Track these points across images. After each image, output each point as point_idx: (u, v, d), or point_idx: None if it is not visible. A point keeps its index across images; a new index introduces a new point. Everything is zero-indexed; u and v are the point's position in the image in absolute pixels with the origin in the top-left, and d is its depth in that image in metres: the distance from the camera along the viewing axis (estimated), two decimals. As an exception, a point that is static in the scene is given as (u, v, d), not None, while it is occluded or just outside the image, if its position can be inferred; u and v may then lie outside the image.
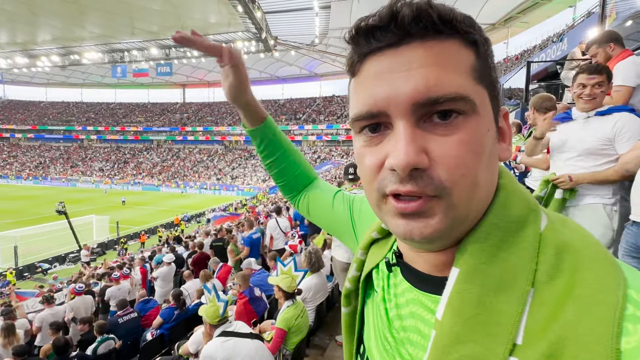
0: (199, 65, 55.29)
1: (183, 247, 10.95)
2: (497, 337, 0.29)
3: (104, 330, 4.10)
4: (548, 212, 0.36)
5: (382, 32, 0.32)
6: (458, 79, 0.31)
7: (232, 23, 38.13)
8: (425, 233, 0.32)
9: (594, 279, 0.29)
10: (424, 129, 0.32)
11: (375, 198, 0.35)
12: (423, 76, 0.31)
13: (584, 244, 0.32)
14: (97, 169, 49.89)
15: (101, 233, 21.41)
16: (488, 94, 0.34)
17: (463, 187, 0.31)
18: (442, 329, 0.32)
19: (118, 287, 5.95)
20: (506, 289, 0.30)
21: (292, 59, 50.70)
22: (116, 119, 60.93)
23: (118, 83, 64.60)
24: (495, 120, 0.35)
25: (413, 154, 0.30)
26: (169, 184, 43.34)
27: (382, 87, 0.32)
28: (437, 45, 0.32)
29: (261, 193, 33.25)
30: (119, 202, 31.40)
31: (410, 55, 0.31)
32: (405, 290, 0.40)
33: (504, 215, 0.34)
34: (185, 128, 55.41)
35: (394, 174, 0.32)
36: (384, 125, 0.33)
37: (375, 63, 0.33)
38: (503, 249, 0.32)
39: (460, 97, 0.31)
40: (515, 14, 30.63)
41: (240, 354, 1.96)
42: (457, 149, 0.31)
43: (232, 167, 46.85)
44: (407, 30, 0.31)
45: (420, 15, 0.31)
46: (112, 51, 48.12)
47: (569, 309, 0.28)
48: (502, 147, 0.37)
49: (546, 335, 0.28)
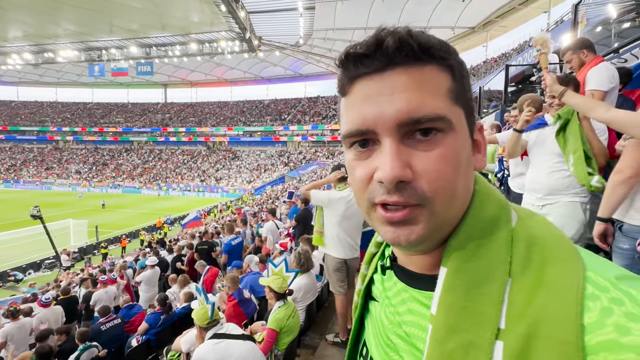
0: (181, 65, 54.14)
1: (166, 250, 10.72)
2: (484, 324, 0.33)
3: (85, 338, 3.96)
4: (516, 207, 0.41)
5: (369, 59, 0.36)
6: (436, 101, 0.35)
7: (215, 22, 37.56)
8: (410, 239, 0.36)
9: (558, 266, 0.33)
10: (408, 145, 0.36)
11: (365, 207, 0.39)
12: (406, 99, 0.35)
13: (549, 235, 0.37)
14: (74, 172, 48.03)
15: (79, 238, 20.63)
16: (464, 113, 0.38)
17: (443, 197, 0.35)
18: (437, 322, 0.36)
19: (105, 290, 5.77)
20: (488, 282, 0.35)
21: (276, 59, 50.45)
22: (94, 120, 58.82)
23: (95, 82, 62.37)
24: (471, 134, 0.40)
25: (398, 169, 0.34)
26: (150, 186, 42.23)
27: (370, 108, 0.36)
28: (417, 71, 0.36)
29: (246, 194, 32.93)
30: (98, 206, 30.36)
31: (394, 80, 0.35)
32: (400, 290, 0.45)
33: (480, 217, 0.38)
34: (168, 129, 54.12)
35: (382, 186, 0.36)
36: (372, 141, 0.37)
37: (364, 86, 0.37)
38: (482, 246, 0.36)
39: (438, 117, 0.35)
40: (493, 18, 31.64)
41: (232, 355, 1.95)
42: (437, 163, 0.35)
43: (216, 169, 46.14)
44: (391, 58, 0.35)
45: (402, 44, 0.35)
46: (89, 49, 46.43)
47: (541, 294, 0.32)
48: (478, 158, 0.41)
49: (524, 319, 0.32)
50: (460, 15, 31.82)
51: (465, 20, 33.08)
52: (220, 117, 55.43)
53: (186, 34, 41.49)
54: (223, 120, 54.17)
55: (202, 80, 61.56)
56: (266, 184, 36.80)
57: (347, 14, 32.99)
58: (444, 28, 34.59)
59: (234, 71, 56.77)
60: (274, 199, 19.13)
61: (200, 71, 57.06)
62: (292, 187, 24.68)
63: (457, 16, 32.18)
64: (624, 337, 0.28)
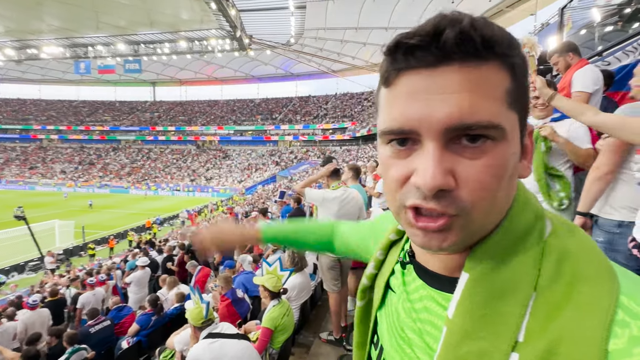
0: (170, 63, 53.32)
1: (156, 251, 10.57)
2: (501, 335, 0.32)
3: (74, 340, 3.89)
4: (552, 217, 0.39)
5: (422, 51, 0.32)
6: (492, 106, 0.32)
7: (205, 20, 37.11)
8: (443, 246, 0.34)
9: (590, 285, 0.31)
10: (453, 150, 0.33)
11: (396, 207, 0.37)
12: (458, 102, 0.31)
13: (584, 250, 0.34)
14: (59, 171, 46.83)
15: (65, 239, 20.14)
16: (519, 118, 0.35)
17: (482, 208, 0.33)
18: (453, 326, 0.35)
19: (92, 292, 5.65)
20: (510, 294, 0.33)
21: (267, 58, 50.16)
22: (80, 118, 57.44)
23: (81, 80, 60.80)
24: (522, 140, 0.37)
25: (440, 177, 0.31)
26: (139, 186, 41.51)
27: (415, 107, 0.33)
28: (474, 70, 0.32)
29: (237, 194, 32.69)
30: (84, 206, 29.69)
31: (448, 78, 0.32)
32: (419, 287, 0.44)
33: (514, 226, 0.36)
34: (156, 127, 53.30)
35: (418, 190, 0.33)
36: (412, 140, 0.34)
37: (411, 80, 0.33)
38: (510, 255, 0.35)
39: (492, 125, 0.31)
40: (482, 20, 32.14)
41: (227, 354, 1.95)
42: (482, 173, 0.32)
43: (207, 168, 45.65)
44: (448, 53, 0.31)
45: (463, 39, 0.31)
46: (74, 46, 45.25)
47: (567, 313, 0.30)
48: (524, 165, 0.38)
49: (545, 335, 0.30)
50: (449, 16, 32.20)
51: (455, 22, 33.49)
52: (210, 116, 54.84)
53: (175, 32, 40.88)
54: (213, 119, 53.61)
55: (191, 79, 60.77)
56: (257, 183, 36.61)
57: (338, 13, 33.05)
58: (434, 29, 34.98)
59: (224, 70, 56.21)
60: (265, 198, 19.06)
61: (189, 69, 56.29)
62: (283, 186, 24.62)
63: (447, 17, 32.57)
64: None
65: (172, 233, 17.77)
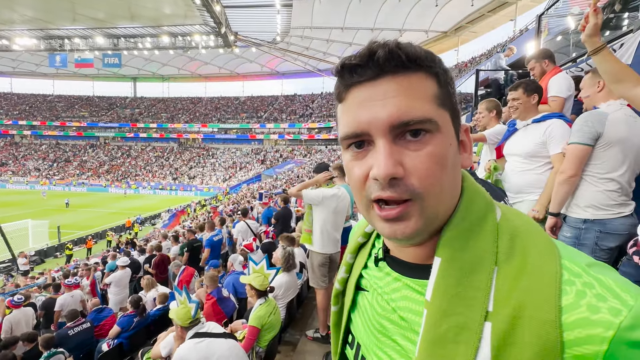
0: (152, 58, 51.83)
1: (138, 251, 10.28)
2: (474, 307, 0.37)
3: (50, 344, 3.75)
4: (499, 204, 0.46)
5: (362, 68, 0.40)
6: (423, 105, 0.39)
7: (188, 15, 36.28)
8: (406, 232, 0.40)
9: (538, 255, 0.38)
10: (400, 145, 0.40)
11: (364, 204, 0.43)
12: (396, 104, 0.39)
13: (529, 228, 0.41)
14: (33, 168, 44.76)
15: (39, 239, 19.29)
16: (449, 116, 0.42)
17: (432, 192, 0.40)
18: (432, 307, 0.40)
19: (70, 294, 5.46)
20: (478, 270, 0.39)
21: (252, 55, 49.57)
22: (55, 113, 54.99)
23: (57, 73, 58.19)
24: (457, 135, 0.44)
25: (391, 166, 0.38)
26: (118, 185, 40.22)
27: (364, 113, 0.40)
28: (406, 79, 0.40)
29: (221, 193, 32.22)
30: (60, 205, 28.52)
31: (385, 87, 0.40)
32: (394, 279, 0.48)
33: (469, 211, 0.42)
34: (137, 124, 51.69)
35: (377, 183, 0.40)
36: (367, 142, 0.41)
37: (358, 93, 0.41)
38: (472, 238, 0.41)
39: (426, 119, 0.39)
40: (464, 24, 32.94)
41: (214, 354, 1.94)
42: (426, 161, 0.39)
43: (190, 166, 44.74)
44: (382, 68, 0.40)
45: (391, 55, 0.39)
46: (49, 37, 43.24)
47: (524, 280, 0.37)
48: (464, 157, 0.46)
49: (510, 302, 0.36)
50: (433, 19, 32.84)
51: (438, 25, 34.20)
52: (193, 113, 53.72)
53: (157, 26, 39.75)
54: (197, 116, 52.54)
55: (173, 75, 59.33)
56: (242, 182, 36.20)
57: (325, 13, 33.06)
58: (418, 31, 35.56)
59: (208, 66, 55.12)
60: (250, 197, 18.89)
61: (172, 65, 54.88)
62: (268, 185, 24.46)
63: (431, 20, 33.20)
64: (594, 314, 0.33)
65: (153, 233, 17.34)
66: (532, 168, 2.01)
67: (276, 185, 22.38)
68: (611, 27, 3.89)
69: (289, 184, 20.05)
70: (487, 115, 2.75)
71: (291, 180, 22.47)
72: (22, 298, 5.27)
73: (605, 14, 4.00)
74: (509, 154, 2.15)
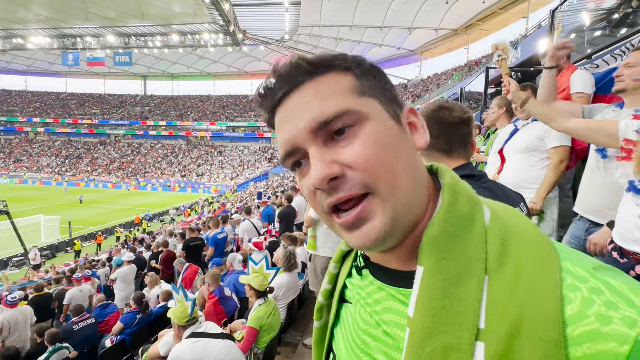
0: (161, 57, 52.44)
1: (144, 247, 10.40)
2: (463, 325, 0.32)
3: (55, 339, 3.78)
4: (487, 201, 0.41)
5: (273, 90, 0.41)
6: (337, 101, 0.38)
7: (198, 14, 36.57)
8: (372, 235, 0.36)
9: (534, 261, 0.33)
10: (331, 146, 0.38)
11: (325, 219, 0.40)
12: (310, 109, 0.38)
13: (522, 229, 0.36)
14: (45, 165, 45.76)
15: (50, 234, 19.72)
16: (378, 101, 0.40)
17: (384, 178, 0.36)
18: (415, 325, 0.34)
19: (79, 288, 5.52)
20: (465, 279, 0.34)
21: (261, 54, 49.70)
22: (67, 111, 56.10)
23: (69, 71, 59.36)
24: (395, 117, 0.41)
25: (325, 168, 0.36)
26: (128, 181, 40.85)
27: (287, 128, 0.39)
28: (316, 83, 0.39)
29: (229, 191, 32.43)
30: (71, 201, 29.12)
31: (298, 97, 0.39)
32: (377, 288, 0.43)
33: (452, 212, 0.37)
34: (147, 122, 52.39)
35: (322, 192, 0.38)
36: (304, 158, 0.40)
37: (280, 113, 0.41)
38: (457, 242, 0.36)
39: (342, 112, 0.37)
40: (475, 22, 32.41)
41: (211, 354, 1.91)
42: (360, 150, 0.36)
43: (198, 164, 45.17)
44: (290, 82, 0.39)
45: (293, 67, 0.39)
46: (62, 36, 44.12)
47: (519, 292, 0.31)
48: (417, 137, 0.43)
49: (505, 318, 0.31)
50: (443, 17, 32.38)
51: (448, 22, 33.71)
52: (202, 111, 54.17)
53: (167, 25, 40.16)
54: (205, 114, 52.96)
55: (183, 73, 59.86)
56: (249, 180, 36.38)
57: (334, 10, 32.90)
58: (428, 29, 35.15)
59: (217, 65, 55.51)
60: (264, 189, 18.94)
61: (181, 63, 55.45)
62: (275, 183, 24.50)
63: (441, 18, 32.74)
64: (606, 326, 0.28)
65: (160, 229, 17.53)
66: (531, 163, 2.04)
67: (283, 183, 22.40)
68: (628, 23, 3.75)
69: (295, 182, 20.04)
70: (497, 111, 2.66)
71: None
72: (16, 297, 5.18)
73: (622, 9, 3.85)
74: (509, 152, 2.15)
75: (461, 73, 26.99)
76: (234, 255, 5.04)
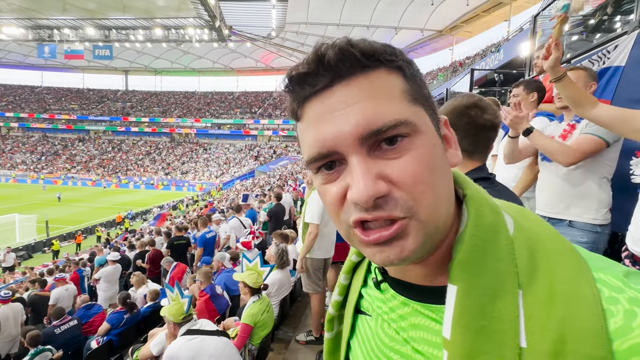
0: (144, 51, 50.98)
1: (128, 247, 10.14)
2: (504, 344, 0.31)
3: (37, 341, 3.66)
4: (506, 207, 0.39)
5: (313, 77, 0.34)
6: (393, 106, 0.33)
7: (182, 8, 35.73)
8: (402, 256, 0.33)
9: (567, 274, 0.32)
10: (376, 156, 0.33)
11: (344, 230, 0.36)
12: (361, 111, 0.32)
13: (548, 239, 0.35)
14: (20, 162, 43.79)
15: (26, 234, 18.92)
16: (425, 111, 0.36)
17: (426, 203, 0.33)
18: (453, 347, 0.33)
19: (65, 287, 5.35)
20: (501, 296, 0.32)
21: (247, 50, 49.09)
22: (43, 105, 53.78)
23: (46, 64, 56.86)
24: (438, 131, 0.38)
25: (372, 185, 0.32)
26: (109, 179, 39.62)
27: (326, 128, 0.34)
28: (365, 79, 0.34)
29: (215, 189, 31.98)
30: (48, 199, 28.01)
31: (344, 93, 0.33)
32: (401, 304, 0.41)
33: (478, 226, 0.35)
34: (129, 118, 50.88)
35: (357, 206, 0.33)
36: (338, 161, 0.35)
37: (315, 106, 0.35)
38: (487, 257, 0.34)
39: (399, 122, 0.33)
40: (459, 23, 33.09)
41: (207, 351, 1.92)
42: (410, 168, 0.33)
43: (182, 162, 44.28)
44: (336, 71, 0.34)
45: (344, 55, 0.33)
46: (38, 27, 42.15)
47: (558, 308, 0.30)
48: (451, 153, 0.39)
49: (547, 335, 0.30)
50: (429, 18, 32.91)
51: (434, 23, 34.30)
52: (187, 107, 53.07)
53: (150, 18, 39.04)
54: (190, 111, 51.91)
55: (166, 68, 58.42)
56: (235, 178, 35.97)
57: (321, 9, 32.86)
58: (414, 29, 35.63)
59: (202, 60, 54.45)
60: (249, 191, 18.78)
61: (165, 58, 54.07)
62: (262, 181, 24.35)
63: (426, 19, 33.27)
64: None
65: (144, 228, 17.13)
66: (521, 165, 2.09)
67: (270, 182, 22.28)
68: (604, 29, 3.94)
69: (283, 180, 19.97)
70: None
71: (284, 176, 22.40)
72: (10, 293, 5.14)
73: (598, 16, 4.04)
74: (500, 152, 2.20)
75: (445, 74, 27.50)
76: (222, 254, 5.01)
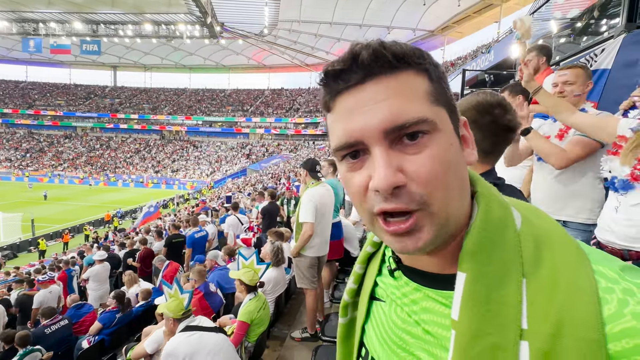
0: (133, 47, 50.07)
1: (118, 245, 10.00)
2: (507, 326, 0.34)
3: (26, 342, 3.60)
4: (515, 204, 0.43)
5: (347, 73, 0.38)
6: (416, 105, 0.37)
7: (172, 3, 35.18)
8: (418, 246, 0.37)
9: (568, 264, 0.36)
10: (397, 150, 0.37)
11: (368, 217, 0.40)
12: (387, 107, 0.36)
13: (554, 233, 0.39)
14: (4, 159, 42.60)
15: (11, 233, 18.46)
16: (446, 111, 0.40)
17: (439, 197, 0.37)
18: (461, 327, 0.36)
19: (49, 290, 5.25)
20: (506, 283, 0.36)
21: (239, 48, 48.65)
22: (28, 101, 52.34)
23: (30, 58, 55.32)
24: (456, 131, 0.41)
25: (391, 175, 0.35)
26: (97, 177, 38.85)
27: (355, 120, 0.38)
28: (394, 79, 0.37)
29: (206, 187, 31.70)
30: (34, 197, 27.36)
31: (374, 90, 0.37)
32: (414, 289, 0.45)
33: (488, 219, 0.39)
34: (117, 115, 49.92)
35: (378, 194, 0.37)
36: (362, 151, 0.39)
37: (346, 100, 0.39)
38: (495, 249, 0.37)
39: (421, 120, 0.36)
40: (451, 24, 33.46)
41: (206, 347, 1.93)
42: (428, 164, 0.36)
43: (173, 159, 43.72)
44: (368, 70, 0.37)
45: (377, 56, 0.37)
46: (22, 20, 40.94)
47: (558, 295, 0.34)
48: (467, 152, 0.43)
49: (547, 319, 0.33)
50: (421, 18, 33.19)
51: (426, 23, 34.61)
52: (177, 104, 52.37)
53: (140, 13, 38.33)
54: (181, 108, 51.23)
55: (157, 64, 57.49)
56: (227, 176, 35.70)
57: (313, 7, 32.81)
58: (406, 29, 35.88)
59: (193, 57, 53.76)
60: (235, 192, 18.66)
61: (155, 55, 53.20)
62: (253, 180, 24.24)
63: (418, 19, 33.54)
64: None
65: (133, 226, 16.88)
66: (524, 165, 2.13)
67: (262, 180, 22.20)
68: (590, 32, 4.04)
69: (275, 179, 19.93)
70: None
71: (276, 175, 22.33)
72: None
73: (585, 19, 4.15)
74: None
75: (437, 74, 27.81)
76: (214, 252, 4.99)
